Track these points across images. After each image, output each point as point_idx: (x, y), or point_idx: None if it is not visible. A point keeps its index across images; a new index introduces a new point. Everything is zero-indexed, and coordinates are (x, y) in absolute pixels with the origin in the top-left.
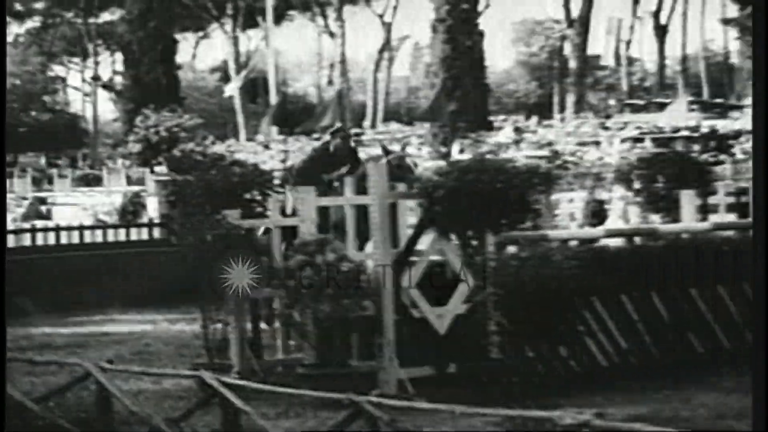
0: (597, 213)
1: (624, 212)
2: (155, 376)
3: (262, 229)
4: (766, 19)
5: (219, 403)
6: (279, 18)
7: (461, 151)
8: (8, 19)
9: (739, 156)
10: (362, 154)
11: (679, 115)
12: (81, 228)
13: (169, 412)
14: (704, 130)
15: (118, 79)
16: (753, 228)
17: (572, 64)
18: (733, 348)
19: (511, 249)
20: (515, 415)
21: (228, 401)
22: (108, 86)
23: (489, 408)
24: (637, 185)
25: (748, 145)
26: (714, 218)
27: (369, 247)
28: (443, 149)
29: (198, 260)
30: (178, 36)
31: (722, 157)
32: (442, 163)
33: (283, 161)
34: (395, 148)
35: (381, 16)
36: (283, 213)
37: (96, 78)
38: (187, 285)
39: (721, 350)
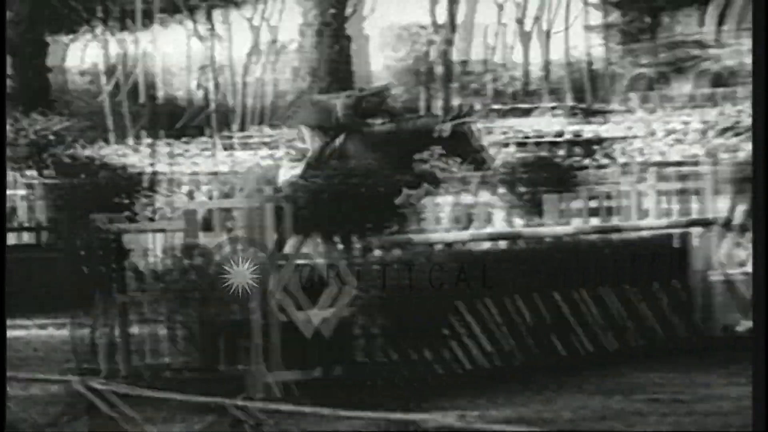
0: (463, 217)
1: (489, 216)
2: (24, 382)
3: None
4: (766, 19)
5: (86, 409)
6: (149, 21)
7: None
8: None
9: (603, 161)
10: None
11: (543, 120)
12: None
13: (38, 419)
14: (568, 135)
15: None
16: (753, 226)
17: (438, 69)
18: (596, 350)
19: (378, 253)
20: (380, 418)
21: (95, 407)
22: None
23: (354, 411)
24: (502, 189)
25: (611, 150)
26: (577, 222)
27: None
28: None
29: (67, 264)
30: (48, 38)
31: (586, 161)
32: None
33: (152, 165)
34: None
35: (250, 20)
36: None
37: None
38: (56, 289)
39: (583, 352)
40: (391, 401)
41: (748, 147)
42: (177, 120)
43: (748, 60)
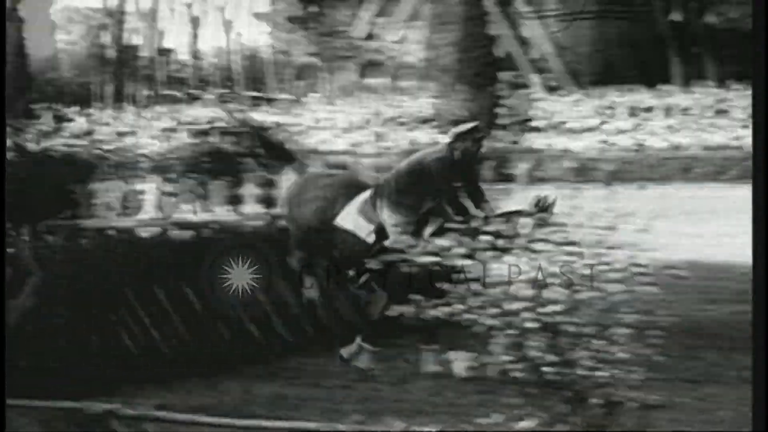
0: (133, 203)
1: (159, 203)
2: None
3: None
4: (767, 18)
5: None
6: None
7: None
8: None
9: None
10: None
11: (213, 107)
12: None
13: None
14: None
15: None
16: (753, 226)
17: (110, 53)
18: (266, 338)
19: (49, 239)
20: (54, 407)
21: None
22: None
23: (36, 401)
24: (172, 175)
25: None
26: (245, 209)
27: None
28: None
29: None
30: None
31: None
32: None
33: None
34: None
35: None
36: None
37: None
38: None
39: (250, 339)
40: (68, 389)
41: (411, 135)
42: None
43: (420, 52)
